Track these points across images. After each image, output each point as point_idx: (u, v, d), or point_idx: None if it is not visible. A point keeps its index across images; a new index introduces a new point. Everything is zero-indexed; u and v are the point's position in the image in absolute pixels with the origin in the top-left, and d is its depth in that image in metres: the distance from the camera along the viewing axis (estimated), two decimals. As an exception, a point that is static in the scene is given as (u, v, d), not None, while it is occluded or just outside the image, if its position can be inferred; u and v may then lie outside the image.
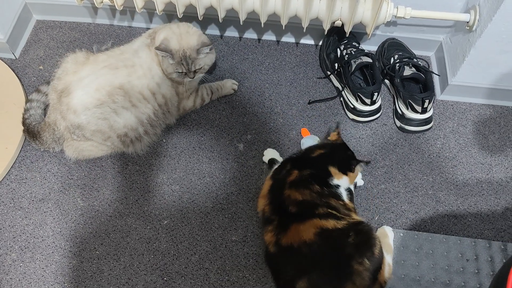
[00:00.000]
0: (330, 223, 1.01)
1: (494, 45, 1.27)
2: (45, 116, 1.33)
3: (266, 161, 1.32)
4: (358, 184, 1.28)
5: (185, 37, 1.27)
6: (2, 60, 1.50)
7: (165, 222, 1.24)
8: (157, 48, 1.23)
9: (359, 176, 1.29)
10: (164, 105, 1.31)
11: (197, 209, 1.27)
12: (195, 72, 1.29)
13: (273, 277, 1.08)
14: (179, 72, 1.27)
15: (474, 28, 1.28)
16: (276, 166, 1.19)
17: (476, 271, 1.18)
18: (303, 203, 1.05)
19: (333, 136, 1.23)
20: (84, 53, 1.31)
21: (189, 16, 1.43)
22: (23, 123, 1.30)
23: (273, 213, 1.07)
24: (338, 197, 1.10)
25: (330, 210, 1.04)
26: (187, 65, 1.26)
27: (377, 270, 1.00)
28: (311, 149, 1.19)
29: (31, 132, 1.29)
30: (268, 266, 1.10)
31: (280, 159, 1.29)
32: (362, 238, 1.01)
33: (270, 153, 1.33)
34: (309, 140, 1.33)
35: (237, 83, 1.47)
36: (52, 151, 1.33)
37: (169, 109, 1.33)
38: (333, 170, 1.12)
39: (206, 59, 1.30)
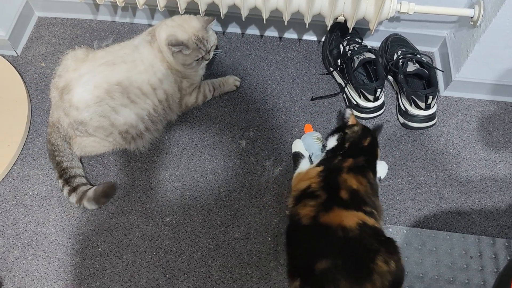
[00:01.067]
0: (371, 221, 1.02)
1: (498, 40, 1.26)
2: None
3: (293, 151, 1.33)
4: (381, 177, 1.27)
5: (187, 24, 1.27)
6: (3, 57, 1.50)
7: (168, 219, 1.24)
8: (170, 44, 1.24)
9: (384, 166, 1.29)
10: (165, 101, 1.30)
11: (200, 206, 1.26)
12: (210, 51, 1.31)
13: (289, 249, 1.07)
14: (197, 59, 1.28)
15: (478, 24, 1.27)
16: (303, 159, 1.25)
17: (480, 268, 1.18)
18: (356, 193, 1.06)
19: (353, 120, 1.22)
20: (84, 50, 1.31)
21: (191, 12, 1.43)
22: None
23: (323, 191, 1.07)
24: (377, 191, 1.12)
25: (373, 210, 1.05)
26: (204, 47, 1.27)
27: (399, 283, 0.96)
28: (360, 137, 1.18)
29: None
30: (289, 237, 1.09)
31: (305, 153, 1.29)
32: (392, 242, 1.01)
33: (298, 146, 1.32)
34: (309, 137, 1.32)
35: (239, 79, 1.46)
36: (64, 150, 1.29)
37: (170, 105, 1.32)
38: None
39: (212, 37, 1.31)
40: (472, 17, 1.28)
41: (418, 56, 1.40)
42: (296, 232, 1.06)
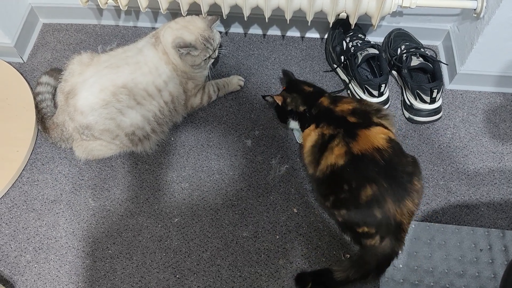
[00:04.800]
0: (390, 133, 1.08)
1: (502, 31, 1.25)
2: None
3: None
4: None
5: (192, 25, 1.28)
6: (10, 64, 1.52)
7: (176, 220, 1.25)
8: (178, 47, 1.25)
9: None
10: (170, 103, 1.31)
11: (207, 206, 1.27)
12: (216, 50, 1.33)
13: (329, 193, 1.11)
14: (206, 59, 1.30)
15: (481, 15, 1.26)
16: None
17: (490, 261, 1.17)
18: (357, 110, 1.12)
19: (277, 98, 1.26)
20: (89, 54, 1.32)
21: (193, 13, 1.43)
22: (38, 112, 1.34)
23: (335, 128, 1.10)
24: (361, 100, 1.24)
25: (378, 113, 1.13)
26: (211, 46, 1.29)
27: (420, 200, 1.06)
28: (303, 95, 1.24)
29: (43, 123, 1.32)
30: (323, 185, 1.12)
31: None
32: (417, 162, 1.08)
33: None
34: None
35: (243, 79, 1.47)
36: (59, 147, 1.34)
37: (176, 107, 1.33)
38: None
39: (217, 35, 1.33)
40: (475, 9, 1.27)
41: (422, 50, 1.39)
42: (334, 174, 1.07)
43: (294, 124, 1.27)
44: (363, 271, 1.06)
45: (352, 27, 1.34)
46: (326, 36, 1.55)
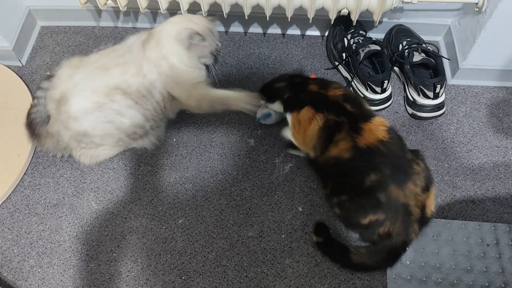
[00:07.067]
0: (386, 122, 1.10)
1: (504, 25, 1.25)
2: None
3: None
4: None
5: (195, 18, 1.23)
6: (9, 68, 1.51)
7: (180, 221, 1.24)
8: (189, 37, 1.17)
9: None
10: (161, 101, 1.25)
11: (212, 206, 1.26)
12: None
13: (329, 179, 1.13)
14: (213, 52, 1.26)
15: (483, 9, 1.26)
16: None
17: (498, 256, 1.16)
18: (347, 96, 1.14)
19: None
20: (79, 57, 1.25)
21: (193, 13, 1.43)
22: (28, 117, 1.25)
23: (339, 116, 1.10)
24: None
25: (363, 104, 1.15)
26: (216, 37, 1.25)
27: (429, 181, 1.07)
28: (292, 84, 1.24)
29: (32, 129, 1.23)
30: (324, 171, 1.15)
31: None
32: (416, 151, 1.12)
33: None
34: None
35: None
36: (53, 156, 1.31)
37: (166, 104, 1.26)
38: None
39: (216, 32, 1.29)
40: (476, 3, 1.27)
41: (424, 45, 1.38)
42: (336, 168, 1.10)
43: (276, 106, 1.26)
44: (379, 260, 1.09)
45: (354, 23, 1.34)
46: (327, 34, 1.55)
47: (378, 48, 1.35)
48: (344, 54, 1.42)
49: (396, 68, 1.45)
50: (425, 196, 1.05)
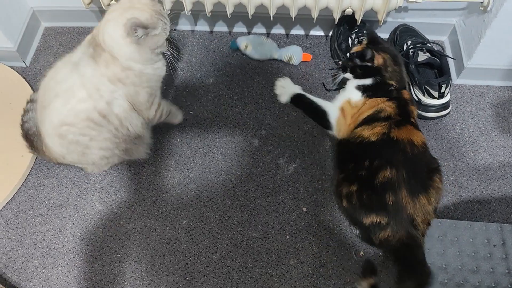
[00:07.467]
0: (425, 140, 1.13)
1: (510, 24, 1.24)
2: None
3: (285, 100, 1.36)
4: None
5: (137, 3, 1.05)
6: (13, 69, 1.51)
7: (184, 221, 1.24)
8: (134, 29, 1.01)
9: None
10: (120, 127, 1.14)
11: (216, 207, 1.26)
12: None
13: (345, 165, 1.16)
14: (167, 36, 1.11)
15: (489, 8, 1.25)
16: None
17: (504, 256, 1.15)
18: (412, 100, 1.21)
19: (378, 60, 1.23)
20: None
21: (197, 13, 1.42)
22: (22, 127, 1.24)
23: (398, 114, 1.14)
24: None
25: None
26: (166, 20, 1.09)
27: (438, 202, 1.08)
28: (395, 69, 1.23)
29: (30, 141, 1.22)
30: (345, 150, 1.18)
31: (302, 91, 1.37)
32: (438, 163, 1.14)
33: (289, 88, 1.38)
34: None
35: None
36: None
37: (128, 127, 1.16)
38: None
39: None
40: (482, 2, 1.26)
41: (429, 45, 1.38)
42: (364, 147, 1.11)
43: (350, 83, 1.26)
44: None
45: (358, 23, 1.33)
46: (331, 34, 1.54)
47: (383, 47, 1.34)
48: (348, 54, 1.41)
49: (400, 68, 1.44)
50: (432, 217, 1.06)
